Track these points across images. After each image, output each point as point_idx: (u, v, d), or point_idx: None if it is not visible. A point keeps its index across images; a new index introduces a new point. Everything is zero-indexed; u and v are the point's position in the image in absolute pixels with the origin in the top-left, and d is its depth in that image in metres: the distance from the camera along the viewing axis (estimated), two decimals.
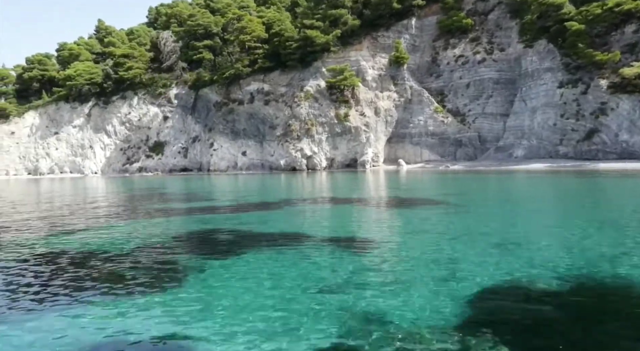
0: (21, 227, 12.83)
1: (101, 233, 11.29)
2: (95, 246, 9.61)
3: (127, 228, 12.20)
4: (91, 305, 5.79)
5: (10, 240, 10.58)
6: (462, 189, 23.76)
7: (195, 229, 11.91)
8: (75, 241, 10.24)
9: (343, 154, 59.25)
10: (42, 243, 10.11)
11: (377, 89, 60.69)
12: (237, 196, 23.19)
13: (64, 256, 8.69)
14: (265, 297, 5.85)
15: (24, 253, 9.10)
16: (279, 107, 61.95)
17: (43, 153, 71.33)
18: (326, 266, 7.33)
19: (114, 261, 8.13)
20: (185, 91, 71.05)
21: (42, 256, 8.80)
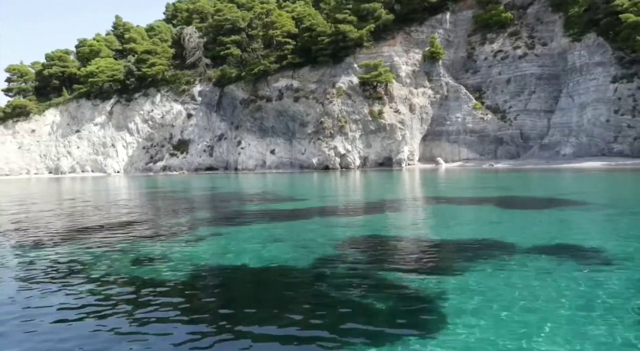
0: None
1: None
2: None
3: (275, 234, 10.47)
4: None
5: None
6: (565, 188, 21.97)
7: (382, 234, 10.14)
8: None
9: (377, 152, 57.47)
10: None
11: (411, 85, 58.86)
12: (324, 195, 21.43)
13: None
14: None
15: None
16: (309, 104, 60.17)
17: (64, 152, 69.73)
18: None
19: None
20: (209, 87, 69.37)
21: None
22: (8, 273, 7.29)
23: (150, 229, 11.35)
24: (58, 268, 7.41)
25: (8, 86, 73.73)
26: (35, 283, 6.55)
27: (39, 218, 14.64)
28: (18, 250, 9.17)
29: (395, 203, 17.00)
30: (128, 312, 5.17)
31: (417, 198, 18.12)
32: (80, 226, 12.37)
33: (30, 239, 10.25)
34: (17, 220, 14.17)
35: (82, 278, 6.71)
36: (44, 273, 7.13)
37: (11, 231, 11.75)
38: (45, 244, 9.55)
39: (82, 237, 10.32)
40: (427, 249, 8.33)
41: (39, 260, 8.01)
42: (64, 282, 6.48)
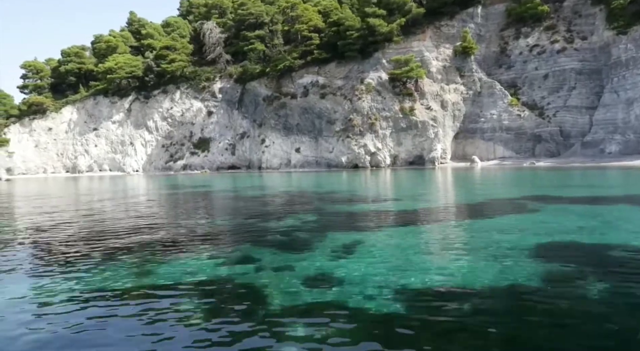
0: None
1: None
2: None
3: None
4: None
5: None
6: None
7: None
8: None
9: (408, 150, 55.67)
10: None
11: (442, 81, 57.01)
12: (413, 194, 19.61)
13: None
14: None
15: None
16: (337, 100, 58.35)
17: (82, 150, 68.03)
18: None
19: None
20: (230, 84, 67.60)
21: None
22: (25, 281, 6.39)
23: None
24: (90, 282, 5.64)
25: (24, 82, 72.01)
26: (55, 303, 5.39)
27: (60, 221, 12.90)
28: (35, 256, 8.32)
29: (510, 202, 15.18)
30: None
31: (526, 197, 16.28)
32: (135, 241, 10.60)
33: (50, 245, 8.53)
34: (35, 225, 12.44)
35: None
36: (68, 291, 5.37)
37: (27, 236, 10.08)
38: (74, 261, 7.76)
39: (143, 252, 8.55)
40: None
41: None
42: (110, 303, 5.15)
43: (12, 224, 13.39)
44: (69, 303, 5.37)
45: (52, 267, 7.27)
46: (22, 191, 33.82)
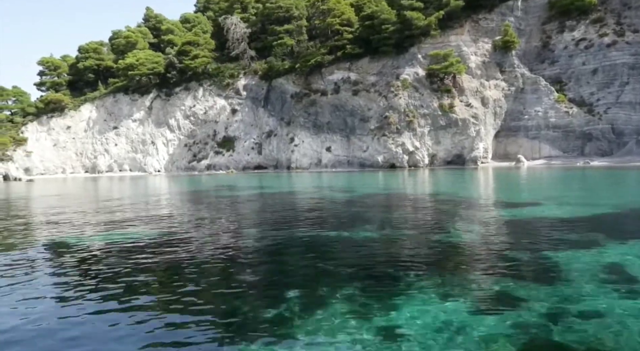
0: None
1: None
2: None
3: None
4: None
5: None
6: None
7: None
8: None
9: (446, 149, 53.15)
10: None
11: (481, 77, 54.50)
12: (537, 199, 17.07)
13: None
14: None
15: None
16: (371, 97, 55.85)
17: (101, 149, 65.59)
18: None
19: None
20: (255, 81, 65.13)
21: None
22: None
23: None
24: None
25: (41, 79, 69.61)
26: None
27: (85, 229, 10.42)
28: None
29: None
30: None
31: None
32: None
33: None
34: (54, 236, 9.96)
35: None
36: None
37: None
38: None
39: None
40: None
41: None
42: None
43: (45, 230, 10.92)
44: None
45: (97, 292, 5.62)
46: (48, 192, 31.36)
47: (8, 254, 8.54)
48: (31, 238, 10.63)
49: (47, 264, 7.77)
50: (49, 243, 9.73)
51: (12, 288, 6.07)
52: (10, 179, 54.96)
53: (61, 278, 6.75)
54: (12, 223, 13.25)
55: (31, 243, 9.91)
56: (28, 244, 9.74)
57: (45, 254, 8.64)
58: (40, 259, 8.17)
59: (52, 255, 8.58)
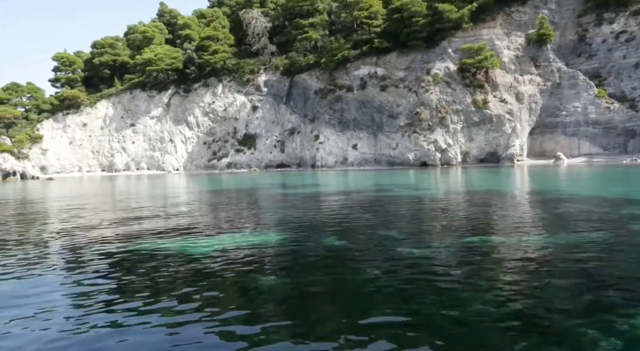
0: None
1: None
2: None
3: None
4: None
5: None
6: None
7: None
8: None
9: (479, 147, 51.19)
10: None
11: (515, 71, 52.53)
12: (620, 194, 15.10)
13: None
14: None
15: None
16: (400, 93, 53.92)
17: (118, 147, 63.77)
18: None
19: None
20: (276, 77, 63.32)
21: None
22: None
23: None
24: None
25: (56, 75, 67.83)
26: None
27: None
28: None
29: None
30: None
31: None
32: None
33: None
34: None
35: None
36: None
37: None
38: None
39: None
40: None
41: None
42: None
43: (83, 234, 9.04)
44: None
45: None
46: (75, 192, 29.51)
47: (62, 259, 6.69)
48: (91, 246, 8.77)
49: (121, 277, 5.98)
50: (112, 252, 7.87)
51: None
52: (28, 178, 53.19)
53: (136, 287, 4.91)
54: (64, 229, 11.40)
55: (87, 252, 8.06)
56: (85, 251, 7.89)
57: (117, 264, 6.79)
58: (102, 270, 6.37)
59: (128, 264, 6.72)
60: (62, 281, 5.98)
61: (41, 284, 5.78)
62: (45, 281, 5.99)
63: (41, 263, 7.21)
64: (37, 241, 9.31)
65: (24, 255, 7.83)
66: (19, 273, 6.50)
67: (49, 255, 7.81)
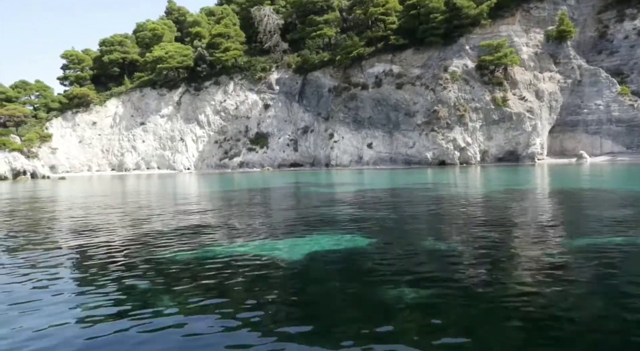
0: None
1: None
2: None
3: None
4: None
5: None
6: None
7: None
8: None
9: (498, 145, 50.23)
10: None
11: (535, 69, 51.62)
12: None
13: None
14: None
15: None
16: (416, 91, 52.98)
17: (128, 146, 62.82)
18: None
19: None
20: (288, 75, 62.36)
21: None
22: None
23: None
24: None
25: (64, 73, 66.87)
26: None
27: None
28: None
29: None
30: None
31: None
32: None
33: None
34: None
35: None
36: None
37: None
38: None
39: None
40: None
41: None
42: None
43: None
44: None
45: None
46: (92, 192, 28.58)
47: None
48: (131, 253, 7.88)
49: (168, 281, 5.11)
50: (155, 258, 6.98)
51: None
52: (38, 177, 52.22)
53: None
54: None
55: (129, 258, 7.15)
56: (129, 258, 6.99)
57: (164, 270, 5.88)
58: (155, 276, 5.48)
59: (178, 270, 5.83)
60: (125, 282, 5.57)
61: (99, 286, 5.44)
62: (104, 283, 5.58)
63: (103, 264, 6.40)
64: (96, 244, 8.40)
65: (72, 256, 6.94)
66: (72, 273, 6.16)
67: (112, 258, 6.91)
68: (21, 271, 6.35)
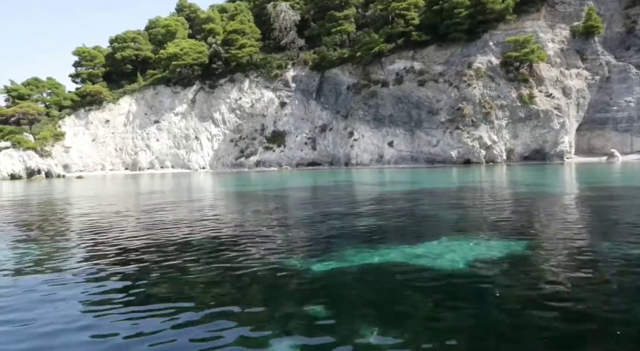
0: None
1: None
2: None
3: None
4: None
5: None
6: None
7: None
8: None
9: (524, 143, 49.07)
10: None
11: (561, 65, 50.45)
12: None
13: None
14: None
15: None
16: (439, 88, 51.78)
17: (142, 145, 61.60)
18: None
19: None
20: (305, 72, 61.15)
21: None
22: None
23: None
24: None
25: (76, 70, 65.61)
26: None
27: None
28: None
29: None
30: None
31: None
32: None
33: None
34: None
35: None
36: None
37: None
38: None
39: None
40: None
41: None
42: None
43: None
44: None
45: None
46: (120, 190, 27.42)
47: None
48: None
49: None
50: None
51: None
52: (53, 176, 51.04)
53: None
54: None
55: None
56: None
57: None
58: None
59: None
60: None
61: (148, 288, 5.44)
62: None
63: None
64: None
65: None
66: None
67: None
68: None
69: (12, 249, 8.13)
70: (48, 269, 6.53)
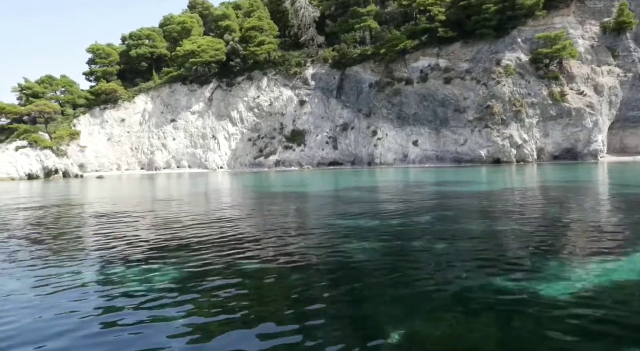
0: None
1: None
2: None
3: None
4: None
5: None
6: None
7: None
8: None
9: (555, 142, 47.81)
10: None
11: (592, 62, 49.23)
12: None
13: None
14: None
15: None
16: (467, 85, 50.50)
17: (158, 144, 60.30)
18: None
19: None
20: (325, 70, 59.90)
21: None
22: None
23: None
24: None
25: (90, 68, 64.32)
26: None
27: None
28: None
29: None
30: None
31: None
32: None
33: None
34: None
35: None
36: None
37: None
38: None
39: None
40: None
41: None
42: None
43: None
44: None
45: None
46: (155, 194, 26.11)
47: None
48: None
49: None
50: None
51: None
52: (70, 176, 49.73)
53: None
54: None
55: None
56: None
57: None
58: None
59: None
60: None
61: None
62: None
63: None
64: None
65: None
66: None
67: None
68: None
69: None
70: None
